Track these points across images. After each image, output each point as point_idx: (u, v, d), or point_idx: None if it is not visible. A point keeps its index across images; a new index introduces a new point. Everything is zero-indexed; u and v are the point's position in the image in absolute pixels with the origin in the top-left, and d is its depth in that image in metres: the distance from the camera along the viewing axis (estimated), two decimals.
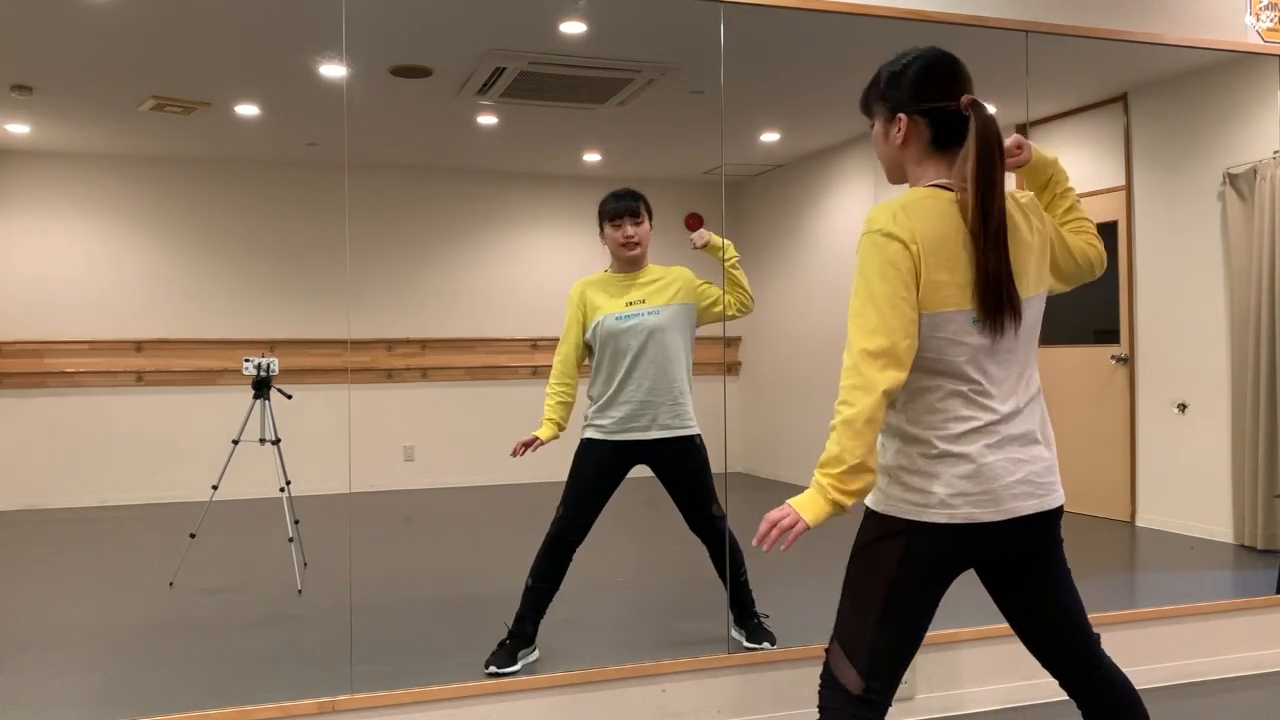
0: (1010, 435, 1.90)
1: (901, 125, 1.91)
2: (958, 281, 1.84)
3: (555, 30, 4.30)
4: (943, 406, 1.88)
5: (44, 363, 5.72)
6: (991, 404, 1.89)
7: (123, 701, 3.06)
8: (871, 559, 1.93)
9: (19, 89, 4.95)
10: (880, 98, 1.96)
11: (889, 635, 1.92)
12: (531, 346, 6.03)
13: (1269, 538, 4.42)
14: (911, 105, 1.90)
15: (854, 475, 1.80)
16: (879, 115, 1.97)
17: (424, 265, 6.15)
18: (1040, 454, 1.95)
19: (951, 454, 1.86)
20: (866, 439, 1.79)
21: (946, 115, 1.88)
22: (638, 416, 3.37)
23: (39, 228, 5.77)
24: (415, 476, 5.92)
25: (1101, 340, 5.14)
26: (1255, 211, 4.51)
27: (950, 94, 1.88)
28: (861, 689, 1.91)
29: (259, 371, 4.45)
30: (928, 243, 1.82)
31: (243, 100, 5.26)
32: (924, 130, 1.90)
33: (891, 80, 1.94)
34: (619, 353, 3.36)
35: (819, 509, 1.80)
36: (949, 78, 1.90)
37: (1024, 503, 1.90)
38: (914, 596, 1.91)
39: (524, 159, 6.16)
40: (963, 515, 1.87)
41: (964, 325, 1.85)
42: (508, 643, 3.24)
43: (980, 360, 1.88)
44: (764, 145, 5.55)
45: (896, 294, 1.80)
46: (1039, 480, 1.93)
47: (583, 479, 3.37)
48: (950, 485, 1.86)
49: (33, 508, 5.62)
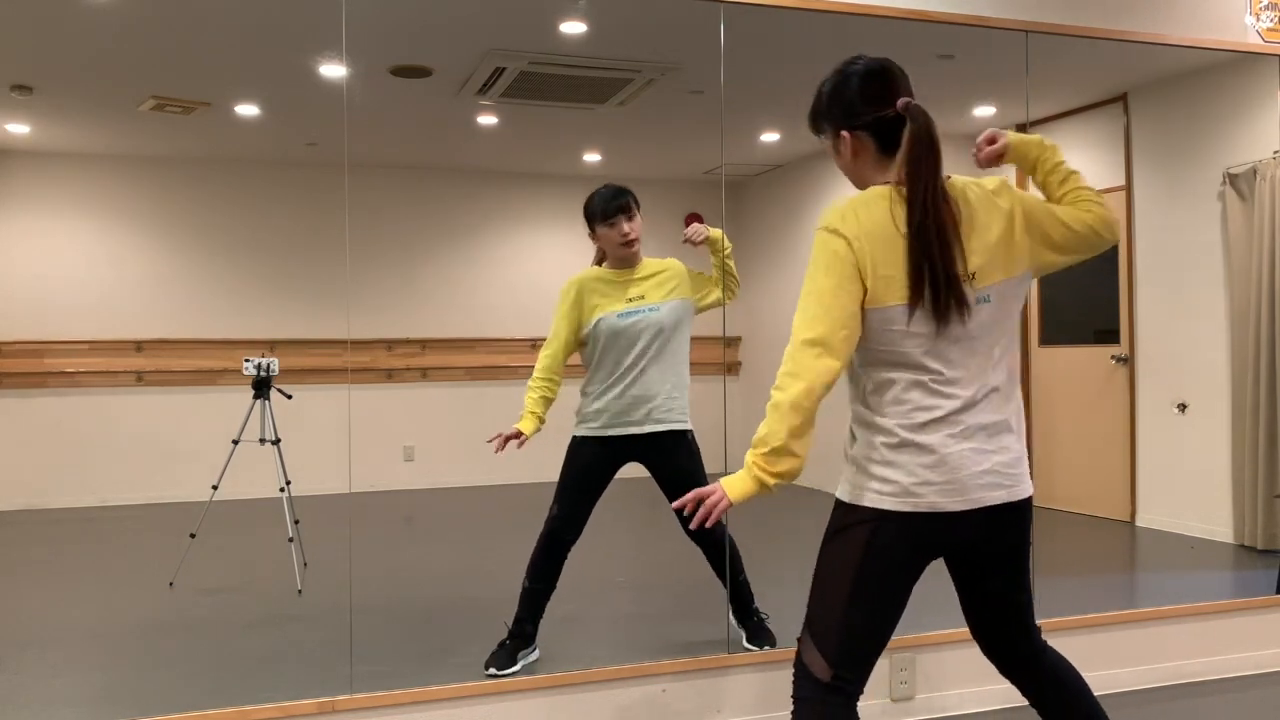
0: (977, 424, 1.92)
1: (847, 142, 2.00)
2: (902, 275, 1.89)
3: (555, 30, 4.30)
4: (905, 397, 1.91)
5: (44, 363, 5.72)
6: (954, 391, 1.91)
7: (123, 701, 3.06)
8: (838, 548, 1.96)
9: (19, 89, 4.95)
10: (824, 117, 2.04)
11: (856, 624, 1.94)
12: (531, 346, 6.03)
13: (1269, 538, 4.42)
14: (852, 121, 1.99)
15: (777, 457, 1.85)
16: (826, 135, 2.05)
17: (424, 265, 6.15)
18: (1010, 444, 1.96)
19: (914, 443, 1.89)
20: (790, 423, 1.84)
21: (887, 122, 1.96)
22: (632, 410, 3.33)
23: (39, 228, 5.77)
24: (415, 476, 5.91)
25: (1101, 340, 5.14)
26: (1255, 211, 4.51)
27: (886, 101, 1.96)
28: (830, 676, 1.94)
29: (259, 371, 4.45)
30: (873, 239, 1.89)
31: (243, 100, 5.26)
32: (869, 141, 1.99)
33: (831, 99, 2.02)
34: (622, 350, 3.33)
35: (744, 487, 1.88)
36: (883, 86, 1.97)
37: (991, 493, 1.92)
38: (879, 585, 1.93)
39: (524, 159, 6.16)
40: (926, 504, 1.89)
41: (914, 316, 1.89)
42: (507, 643, 3.24)
43: (940, 349, 1.90)
44: (764, 145, 5.55)
45: (839, 287, 1.86)
46: (1006, 471, 1.94)
47: (574, 476, 3.35)
48: (914, 474, 1.88)
49: (33, 508, 5.61)
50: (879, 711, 3.24)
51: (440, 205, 6.21)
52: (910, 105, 1.93)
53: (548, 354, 3.38)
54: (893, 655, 3.25)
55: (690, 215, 6.28)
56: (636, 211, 3.42)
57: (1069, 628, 3.44)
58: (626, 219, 3.37)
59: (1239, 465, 4.55)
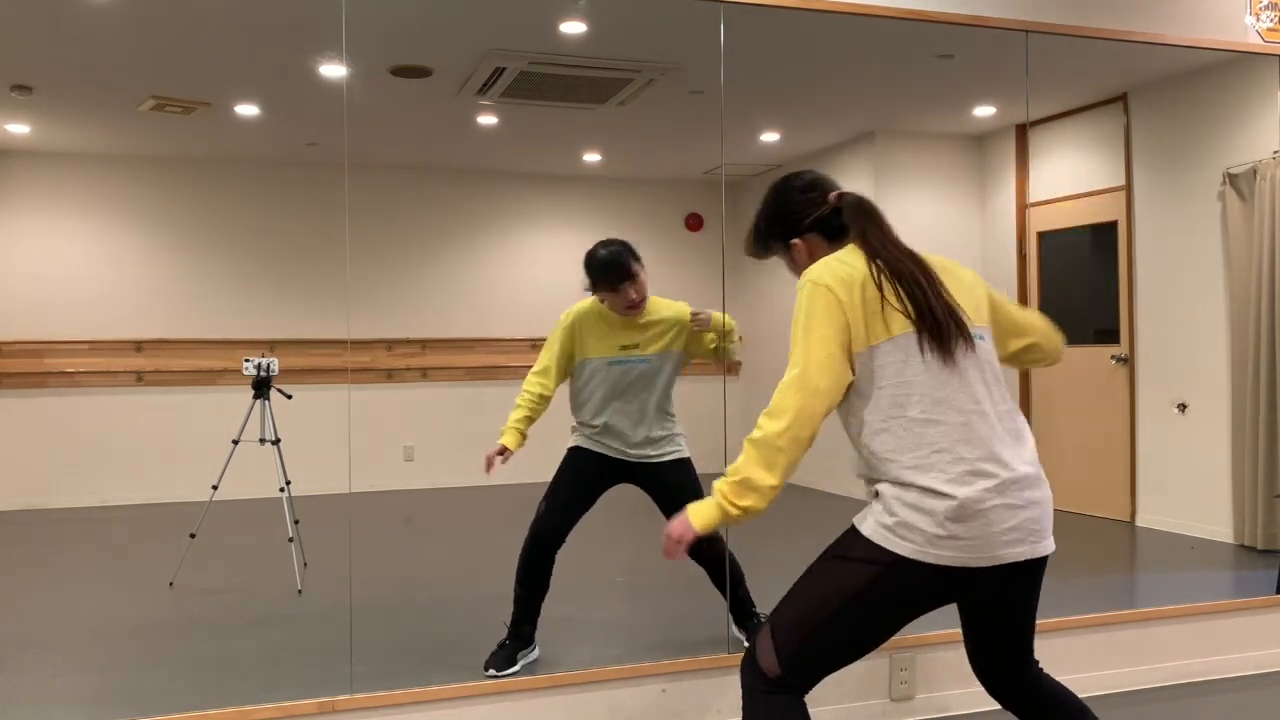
0: (1012, 479, 1.88)
1: (799, 248, 2.10)
2: (896, 308, 1.92)
3: (555, 30, 4.30)
4: (935, 444, 1.87)
5: (44, 363, 5.72)
6: (991, 447, 1.89)
7: (122, 701, 3.06)
8: (839, 571, 1.93)
9: (19, 89, 4.95)
10: (770, 238, 2.14)
11: (824, 646, 1.93)
12: (531, 346, 6.03)
13: (1269, 538, 4.42)
14: (797, 230, 2.10)
15: (743, 490, 1.87)
16: (779, 252, 2.15)
17: (424, 265, 6.15)
18: (1039, 497, 1.92)
19: (944, 494, 1.84)
20: (765, 460, 1.86)
21: (826, 218, 2.07)
22: (623, 440, 3.36)
23: (39, 228, 5.77)
24: (415, 476, 5.92)
25: (1101, 340, 5.14)
26: (1255, 211, 4.51)
27: (818, 202, 2.09)
28: (775, 675, 1.95)
29: (259, 371, 4.45)
30: (855, 284, 1.93)
31: (243, 100, 5.26)
32: (817, 239, 2.09)
33: (771, 221, 2.13)
34: (605, 394, 3.32)
35: (708, 516, 1.90)
36: (811, 190, 2.11)
37: (1015, 549, 1.88)
38: (866, 620, 1.92)
39: (524, 159, 6.16)
40: (949, 559, 1.84)
41: (910, 346, 1.90)
42: (506, 644, 3.24)
43: (950, 382, 1.90)
44: (764, 145, 5.55)
45: (826, 332, 1.90)
46: (1033, 527, 1.90)
47: (567, 478, 3.36)
48: (942, 526, 1.84)
49: (33, 508, 5.62)
50: (879, 711, 3.24)
51: (440, 205, 6.21)
52: (842, 195, 2.07)
53: (538, 381, 3.33)
54: (893, 655, 3.25)
55: (690, 215, 6.28)
56: (640, 270, 3.25)
57: (1069, 628, 3.44)
58: (632, 285, 3.23)
59: (1239, 465, 4.55)
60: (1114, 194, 5.07)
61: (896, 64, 4.44)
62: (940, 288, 1.95)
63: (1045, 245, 5.22)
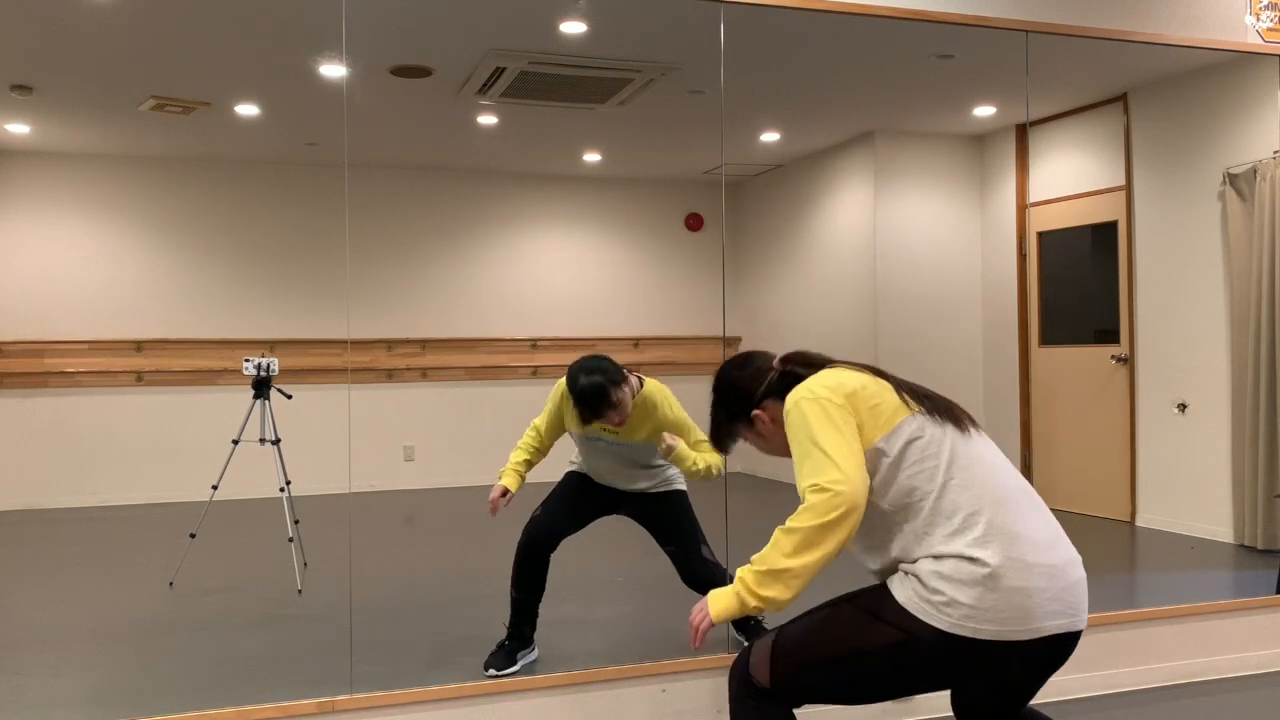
0: (1047, 544, 1.86)
1: (761, 417, 2.11)
2: (891, 398, 1.95)
3: (555, 30, 4.30)
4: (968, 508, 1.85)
5: (44, 363, 5.72)
6: (1021, 512, 1.87)
7: (122, 702, 3.06)
8: (865, 624, 1.89)
9: (19, 89, 4.95)
10: (734, 420, 2.16)
11: (820, 683, 1.92)
12: (531, 346, 6.03)
13: (1269, 538, 4.42)
14: (754, 400, 2.12)
15: (770, 580, 1.83)
16: (746, 432, 2.16)
17: (424, 265, 6.15)
18: (1078, 572, 1.89)
19: (980, 560, 1.81)
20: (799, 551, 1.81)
21: (775, 381, 2.10)
22: (615, 482, 3.40)
23: (39, 228, 5.77)
24: (415, 476, 5.92)
25: (1101, 340, 5.14)
26: (1255, 211, 4.51)
27: (764, 371, 2.13)
28: (763, 688, 1.94)
29: (259, 371, 4.45)
30: (845, 388, 1.95)
31: (243, 100, 5.26)
32: (774, 403, 2.08)
33: (726, 406, 2.16)
34: (592, 457, 3.38)
35: (726, 605, 1.87)
36: (750, 365, 2.16)
37: (1053, 621, 1.83)
38: (874, 677, 1.89)
39: (524, 159, 6.16)
40: (989, 633, 1.80)
41: (924, 423, 1.92)
42: (506, 644, 3.25)
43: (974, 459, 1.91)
44: (764, 145, 5.55)
45: (845, 440, 1.88)
46: (1069, 598, 1.85)
47: (564, 492, 3.42)
48: (981, 598, 1.80)
49: (33, 508, 5.62)
50: (879, 711, 3.24)
51: (440, 205, 6.21)
52: (784, 357, 2.14)
53: (535, 436, 3.38)
54: None
55: (690, 215, 6.28)
56: (620, 391, 3.16)
57: None
58: (614, 412, 3.16)
59: (1239, 465, 4.55)
60: (1114, 194, 5.07)
61: (896, 64, 4.44)
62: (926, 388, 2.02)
63: (1045, 245, 5.22)
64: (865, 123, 5.29)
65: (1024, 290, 5.19)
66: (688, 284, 6.20)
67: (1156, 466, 4.91)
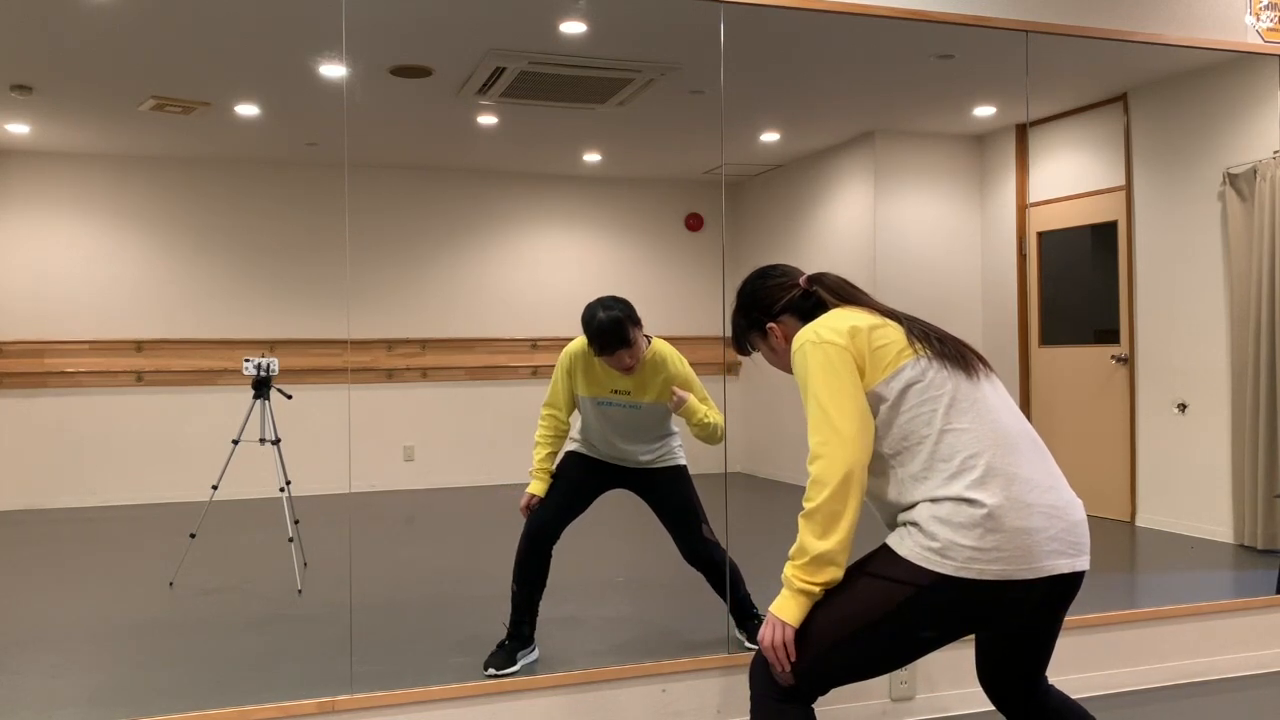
0: (1047, 486, 1.87)
1: (776, 332, 2.13)
2: (899, 338, 1.95)
3: (555, 30, 4.30)
4: (966, 450, 1.86)
5: (44, 363, 5.72)
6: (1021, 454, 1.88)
7: (122, 701, 3.06)
8: (869, 588, 1.89)
9: (19, 89, 4.95)
10: (749, 329, 2.17)
11: (841, 662, 1.91)
12: (531, 346, 6.03)
13: (1269, 538, 4.42)
14: (773, 312, 2.14)
15: (818, 567, 1.85)
16: (758, 341, 2.17)
17: (424, 265, 6.14)
18: (1078, 513, 1.90)
19: (979, 502, 1.81)
20: (818, 530, 1.84)
21: (797, 300, 2.12)
22: (620, 455, 3.41)
23: (39, 228, 5.77)
24: (415, 476, 5.91)
25: (1101, 340, 5.14)
26: (1255, 211, 4.51)
27: (789, 287, 2.14)
28: (788, 684, 1.93)
29: (259, 371, 4.45)
30: (854, 331, 1.95)
31: (243, 100, 5.26)
32: (791, 320, 2.11)
33: (745, 313, 2.18)
34: (599, 424, 3.38)
35: (794, 605, 1.88)
36: (780, 277, 2.17)
37: (1058, 560, 1.84)
38: (889, 640, 1.89)
39: (524, 159, 6.16)
40: (995, 573, 1.80)
41: (926, 366, 1.92)
42: (506, 644, 3.25)
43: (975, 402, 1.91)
44: (764, 145, 5.55)
45: (838, 386, 1.89)
46: (1071, 539, 1.87)
47: (564, 479, 3.41)
48: (983, 539, 1.80)
49: (33, 508, 5.61)
50: (879, 711, 3.24)
51: (440, 205, 6.21)
52: (810, 276, 2.14)
53: (550, 414, 3.39)
54: None
55: (690, 215, 6.28)
56: (637, 331, 3.20)
57: (1069, 628, 3.44)
58: (628, 353, 3.19)
59: (1239, 465, 4.55)
60: (1114, 194, 5.07)
61: (896, 64, 4.44)
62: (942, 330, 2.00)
63: (1045, 245, 5.22)
64: (865, 123, 5.29)
65: (1024, 290, 5.19)
66: (688, 284, 6.20)
67: (1156, 466, 4.91)
